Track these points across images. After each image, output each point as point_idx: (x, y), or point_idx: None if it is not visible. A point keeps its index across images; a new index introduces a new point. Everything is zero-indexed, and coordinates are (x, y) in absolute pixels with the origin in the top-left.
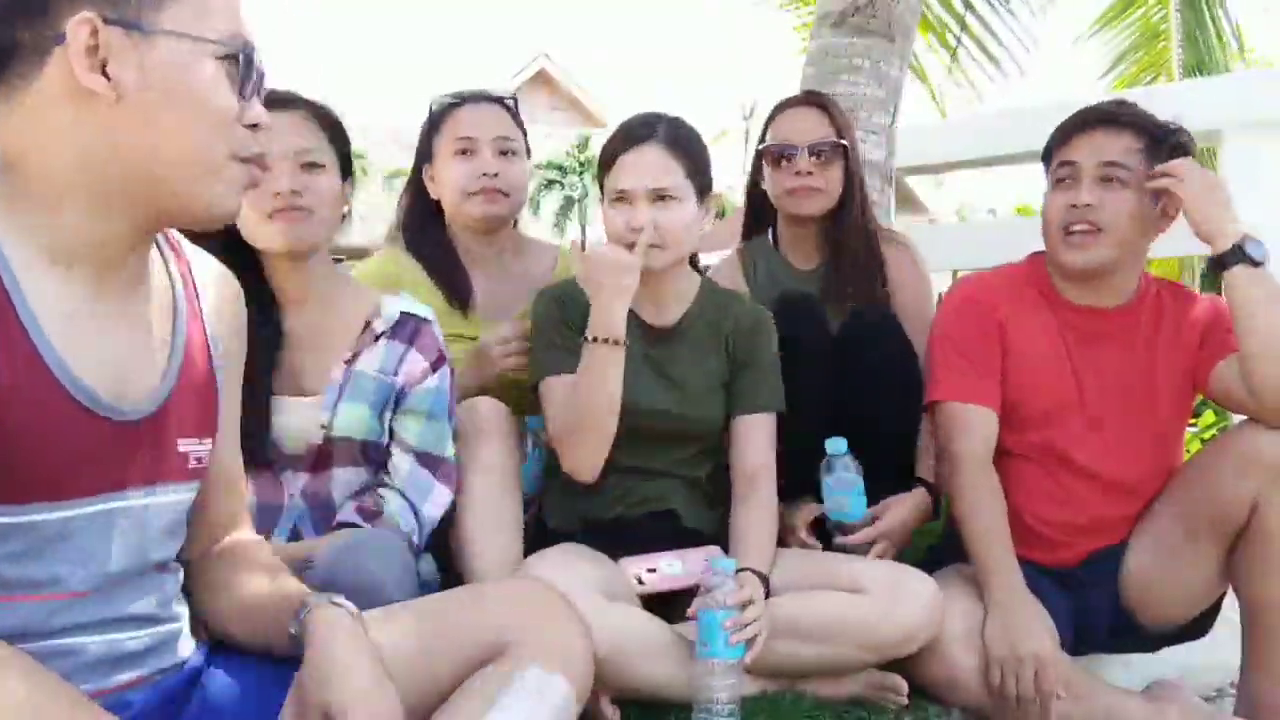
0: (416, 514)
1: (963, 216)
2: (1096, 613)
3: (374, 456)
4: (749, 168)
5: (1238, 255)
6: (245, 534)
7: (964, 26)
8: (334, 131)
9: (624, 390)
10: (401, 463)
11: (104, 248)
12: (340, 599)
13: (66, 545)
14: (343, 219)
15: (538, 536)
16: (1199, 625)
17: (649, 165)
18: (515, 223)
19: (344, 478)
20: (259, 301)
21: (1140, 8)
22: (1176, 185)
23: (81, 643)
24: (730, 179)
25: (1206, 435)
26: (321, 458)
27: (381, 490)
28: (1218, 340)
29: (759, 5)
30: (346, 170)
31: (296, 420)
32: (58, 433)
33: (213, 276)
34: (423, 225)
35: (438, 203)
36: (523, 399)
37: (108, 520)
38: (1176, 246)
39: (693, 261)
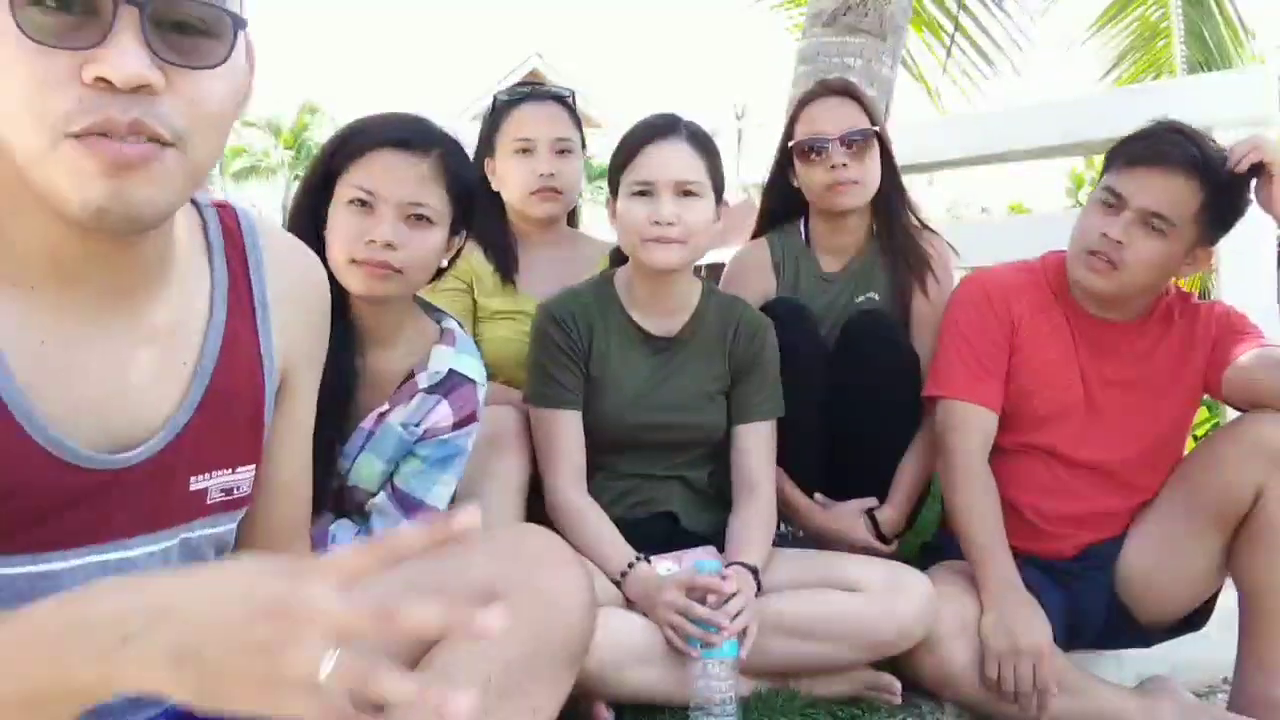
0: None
1: (955, 215)
2: (1091, 608)
3: None
4: (741, 169)
5: None
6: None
7: (958, 26)
8: (455, 183)
9: (626, 401)
10: (379, 497)
11: (57, 261)
12: None
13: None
14: (440, 272)
15: None
16: (1195, 619)
17: (676, 158)
18: (573, 214)
19: (334, 529)
20: (337, 341)
21: (1139, 6)
22: (1274, 159)
23: None
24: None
25: (1200, 432)
26: (335, 502)
27: (334, 526)
28: (1229, 342)
29: (751, 5)
30: (462, 222)
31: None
32: (26, 486)
33: (283, 267)
34: (484, 213)
35: (498, 192)
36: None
37: (96, 574)
38: None
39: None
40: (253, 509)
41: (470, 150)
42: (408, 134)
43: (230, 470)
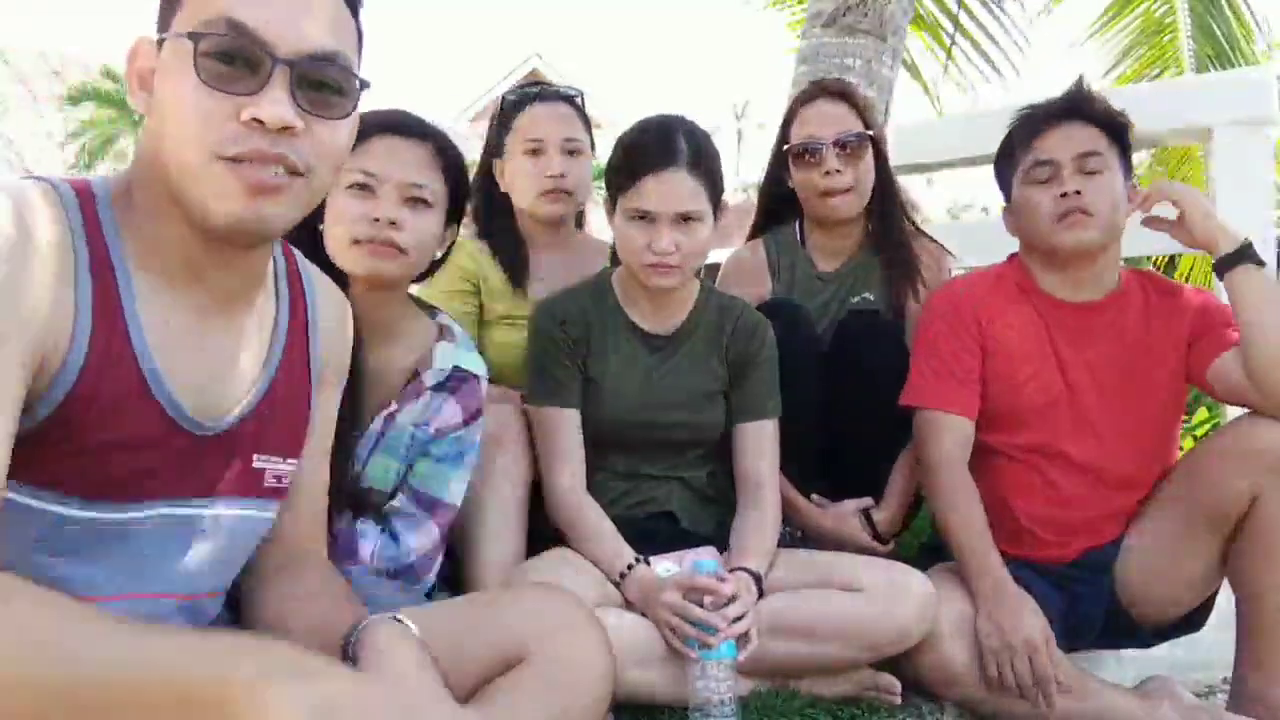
0: (398, 544)
1: (955, 215)
2: (1090, 610)
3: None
4: (741, 169)
5: (1245, 255)
6: (312, 557)
7: (958, 25)
8: (451, 171)
9: (624, 400)
10: (398, 499)
11: (184, 257)
12: (402, 617)
13: (119, 548)
14: (437, 263)
15: (538, 538)
16: (1194, 619)
17: (676, 191)
18: (580, 216)
19: (362, 527)
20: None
21: (1142, 3)
22: (1181, 197)
23: None
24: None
25: (1199, 432)
26: (351, 503)
27: (360, 524)
28: (1213, 335)
29: (751, 5)
30: (456, 213)
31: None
32: (136, 437)
33: (327, 296)
34: (493, 215)
35: (506, 193)
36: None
37: (161, 525)
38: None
39: None
40: (288, 504)
41: (464, 148)
42: (405, 120)
43: (282, 459)
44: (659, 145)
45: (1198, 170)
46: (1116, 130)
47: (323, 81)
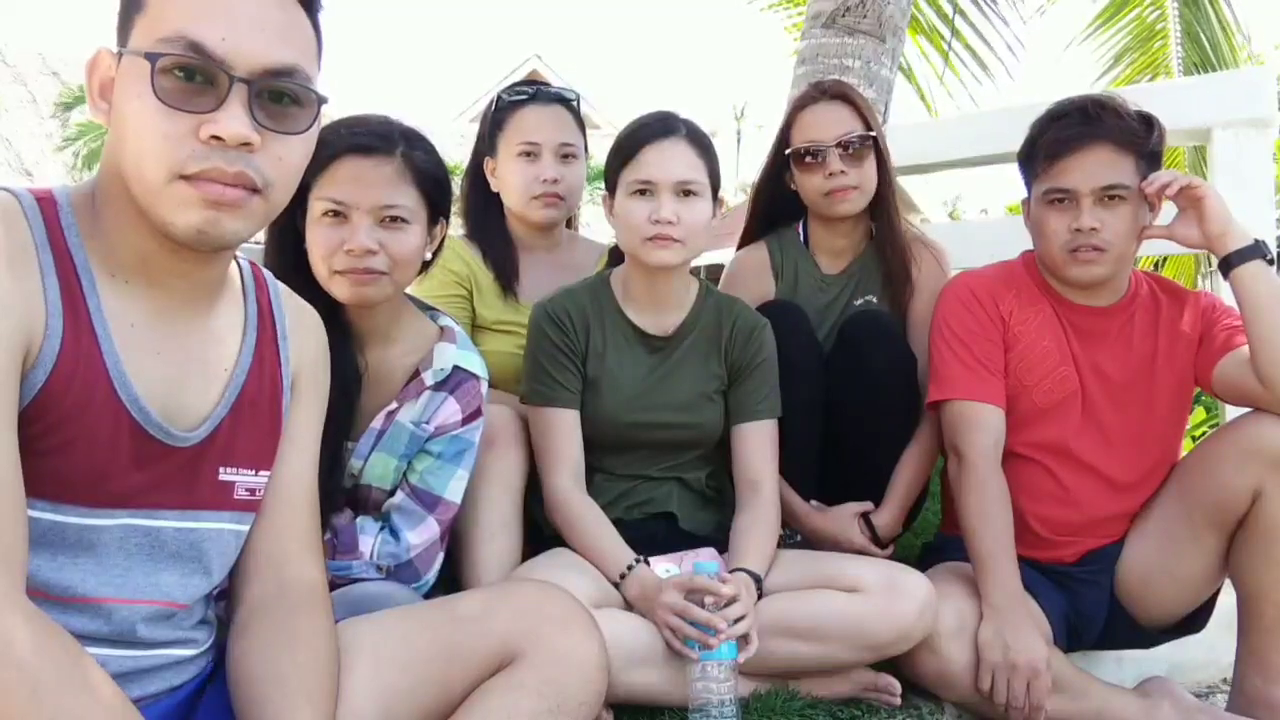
0: (398, 539)
1: (954, 216)
2: (1092, 610)
3: None
4: (741, 169)
5: (1255, 251)
6: (304, 596)
7: (954, 31)
8: (424, 181)
9: (623, 400)
10: (397, 496)
11: (146, 264)
12: None
13: (87, 555)
14: (426, 265)
15: (536, 539)
16: (1195, 620)
17: (677, 158)
18: (572, 219)
19: (361, 522)
20: (337, 342)
21: (1135, 8)
22: (1200, 184)
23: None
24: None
25: (1198, 433)
26: (350, 502)
27: (360, 519)
28: (1218, 337)
29: (750, 5)
30: (438, 214)
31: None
32: (102, 437)
33: (296, 309)
34: (483, 214)
35: (496, 193)
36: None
37: (130, 536)
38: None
39: None
40: (266, 518)
41: (463, 149)
42: (369, 138)
43: (254, 472)
44: (658, 120)
45: (1201, 173)
46: (1143, 146)
47: (280, 95)
